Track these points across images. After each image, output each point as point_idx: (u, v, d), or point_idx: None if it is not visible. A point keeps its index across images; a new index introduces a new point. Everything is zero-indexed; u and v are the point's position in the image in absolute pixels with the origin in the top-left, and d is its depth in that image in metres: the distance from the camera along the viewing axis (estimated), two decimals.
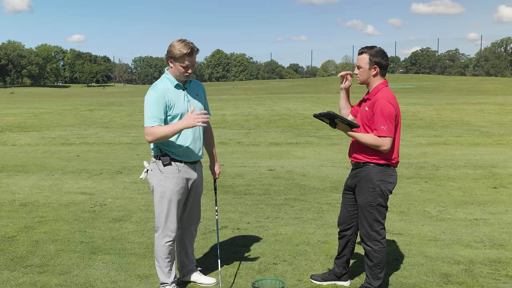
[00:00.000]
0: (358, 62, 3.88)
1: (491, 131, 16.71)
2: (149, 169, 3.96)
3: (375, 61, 3.81)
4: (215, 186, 4.42)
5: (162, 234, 3.91)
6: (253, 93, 45.72)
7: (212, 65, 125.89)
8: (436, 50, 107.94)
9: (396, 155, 3.86)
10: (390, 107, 3.72)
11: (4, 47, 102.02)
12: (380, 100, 3.74)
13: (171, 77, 3.86)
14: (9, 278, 4.34)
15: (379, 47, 3.86)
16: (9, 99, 44.10)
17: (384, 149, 3.73)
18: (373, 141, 3.73)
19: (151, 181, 3.94)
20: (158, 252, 3.94)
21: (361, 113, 3.92)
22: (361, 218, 3.92)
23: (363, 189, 3.87)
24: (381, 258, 3.88)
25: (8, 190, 7.89)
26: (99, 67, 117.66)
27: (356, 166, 3.93)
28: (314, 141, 14.58)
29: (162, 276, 3.98)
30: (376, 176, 3.81)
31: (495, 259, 4.80)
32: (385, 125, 3.69)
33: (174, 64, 3.79)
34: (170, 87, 3.82)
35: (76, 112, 25.47)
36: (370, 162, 3.83)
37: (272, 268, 4.56)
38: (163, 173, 3.86)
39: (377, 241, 3.88)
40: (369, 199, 3.84)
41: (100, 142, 14.79)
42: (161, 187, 3.86)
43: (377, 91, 3.83)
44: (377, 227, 3.87)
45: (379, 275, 3.90)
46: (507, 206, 6.90)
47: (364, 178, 3.85)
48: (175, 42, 3.78)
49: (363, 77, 3.87)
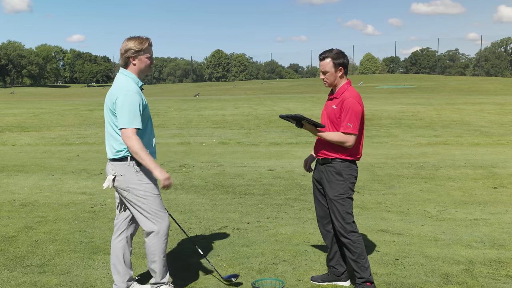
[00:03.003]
0: (323, 68, 4.04)
1: (491, 131, 16.71)
2: (117, 175, 3.75)
3: (338, 63, 4.01)
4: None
5: (159, 232, 3.77)
6: (253, 93, 45.72)
7: (212, 65, 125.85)
8: (436, 50, 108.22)
9: (360, 151, 4.09)
10: (358, 106, 3.93)
11: (4, 47, 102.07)
12: (348, 99, 3.92)
13: (135, 77, 3.78)
14: (9, 278, 4.34)
15: (337, 48, 4.05)
16: (9, 99, 44.11)
17: (349, 145, 3.93)
18: (339, 138, 3.92)
19: (125, 185, 3.73)
20: (156, 252, 3.79)
21: (328, 111, 4.08)
22: (334, 212, 4.02)
23: (333, 183, 4.01)
24: (362, 248, 3.99)
25: (8, 190, 7.89)
26: (99, 67, 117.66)
27: (324, 162, 4.08)
28: (314, 141, 14.57)
29: (164, 274, 3.87)
30: (344, 170, 4.00)
31: (495, 259, 4.80)
32: (352, 122, 3.89)
33: (139, 59, 3.75)
34: (138, 88, 3.76)
35: (76, 112, 25.48)
36: (338, 158, 4.00)
37: (272, 268, 4.56)
38: (139, 172, 3.73)
39: (353, 232, 3.99)
40: (340, 191, 3.99)
41: (100, 142, 14.79)
42: (142, 185, 3.72)
43: (344, 90, 4.01)
44: (349, 219, 4.00)
45: (365, 265, 3.98)
46: (507, 206, 6.90)
47: (333, 173, 4.01)
48: (130, 39, 3.75)
49: (331, 80, 4.05)
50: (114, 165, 3.77)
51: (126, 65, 3.80)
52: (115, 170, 3.75)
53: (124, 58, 3.78)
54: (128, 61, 3.78)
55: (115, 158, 3.76)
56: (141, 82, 3.82)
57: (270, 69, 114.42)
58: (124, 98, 3.64)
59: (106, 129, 3.85)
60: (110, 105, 3.72)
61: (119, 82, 3.76)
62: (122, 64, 3.82)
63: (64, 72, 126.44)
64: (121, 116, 3.62)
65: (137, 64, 3.78)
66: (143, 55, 3.76)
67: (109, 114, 3.76)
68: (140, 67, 3.80)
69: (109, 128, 3.80)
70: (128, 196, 3.76)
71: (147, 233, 3.81)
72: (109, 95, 3.76)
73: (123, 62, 3.81)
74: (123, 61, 3.80)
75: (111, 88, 3.81)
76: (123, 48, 3.77)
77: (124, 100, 3.63)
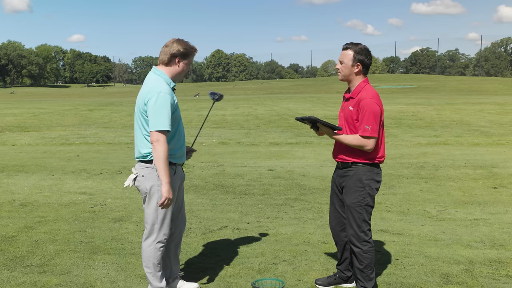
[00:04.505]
0: (342, 57, 3.81)
1: (491, 131, 16.71)
2: (138, 176, 3.77)
3: (358, 59, 3.76)
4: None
5: (156, 239, 3.77)
6: (253, 93, 45.72)
7: (212, 65, 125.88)
8: (436, 50, 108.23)
9: (383, 153, 3.85)
10: (375, 106, 3.70)
11: (4, 47, 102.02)
12: (365, 99, 3.71)
13: (167, 78, 3.73)
14: (9, 278, 4.34)
15: (364, 45, 3.81)
16: (9, 99, 44.10)
17: (368, 149, 3.71)
18: (357, 142, 3.71)
19: (144, 187, 3.74)
20: (150, 258, 3.78)
21: (345, 113, 3.88)
22: (349, 219, 3.86)
23: (351, 189, 3.82)
24: (371, 259, 3.84)
25: (8, 190, 7.89)
26: (99, 67, 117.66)
27: (343, 166, 3.89)
28: (314, 141, 14.58)
29: (155, 281, 3.83)
30: (365, 175, 3.79)
31: (495, 259, 4.80)
32: (370, 124, 3.66)
33: (182, 62, 3.72)
34: (170, 89, 3.71)
35: (76, 112, 25.47)
36: (358, 162, 3.80)
37: (272, 268, 4.56)
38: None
39: (366, 242, 3.83)
40: (358, 198, 3.80)
41: (100, 142, 14.79)
42: (159, 192, 3.68)
43: (360, 89, 3.79)
44: (365, 227, 3.83)
45: (370, 276, 3.86)
46: (507, 206, 6.90)
47: (352, 178, 3.81)
48: (183, 41, 3.72)
49: (345, 73, 3.82)
50: (139, 165, 3.78)
51: (169, 63, 3.73)
52: (138, 170, 3.77)
53: (171, 55, 3.70)
54: (174, 60, 3.72)
55: (141, 159, 3.76)
56: (173, 83, 3.76)
57: (270, 69, 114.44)
58: (156, 99, 3.56)
59: (135, 129, 3.82)
60: (141, 106, 3.66)
61: (151, 82, 3.69)
62: (165, 61, 3.73)
63: (64, 72, 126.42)
64: (153, 118, 3.56)
65: (180, 67, 3.74)
66: (186, 60, 3.74)
67: (139, 115, 3.71)
68: (179, 71, 3.76)
69: (137, 129, 3.76)
70: (145, 197, 3.77)
71: (145, 237, 3.81)
72: (141, 95, 3.69)
73: (167, 59, 3.72)
74: (168, 59, 3.71)
75: (142, 88, 3.74)
76: (172, 46, 3.70)
77: (156, 102, 3.56)
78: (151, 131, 3.57)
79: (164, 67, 3.76)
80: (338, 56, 3.88)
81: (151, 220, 3.76)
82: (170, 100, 3.61)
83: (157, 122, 3.55)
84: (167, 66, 3.75)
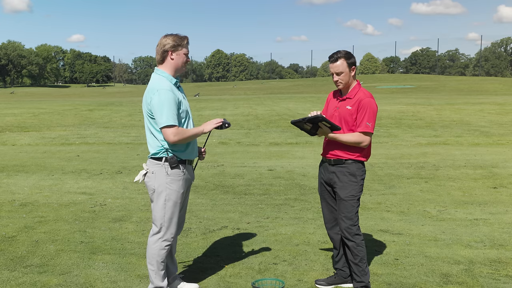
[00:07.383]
0: (336, 69, 3.96)
1: (491, 131, 16.71)
2: (148, 172, 3.83)
3: (351, 62, 3.98)
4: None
5: (162, 238, 3.81)
6: (253, 93, 45.71)
7: (212, 65, 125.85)
8: (436, 50, 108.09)
9: (370, 152, 4.12)
10: (375, 105, 3.95)
11: (4, 47, 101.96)
12: (366, 98, 3.92)
13: (168, 75, 3.79)
14: (9, 278, 4.34)
15: (344, 50, 4.03)
16: (9, 99, 44.09)
17: (365, 145, 3.94)
18: (356, 139, 3.91)
19: (152, 184, 3.80)
20: (155, 256, 3.82)
21: (341, 112, 4.01)
22: (343, 212, 3.98)
23: (346, 183, 3.98)
24: (364, 252, 3.98)
25: (8, 190, 7.89)
26: (99, 67, 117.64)
27: (336, 163, 4.03)
28: (314, 141, 14.58)
29: (158, 279, 3.86)
30: (357, 171, 3.99)
31: (495, 259, 4.80)
32: (370, 122, 3.90)
33: (177, 53, 3.76)
34: (172, 85, 3.77)
35: (76, 112, 25.47)
36: (350, 159, 3.99)
37: (272, 268, 4.56)
38: (169, 175, 3.75)
39: (357, 235, 3.97)
40: (353, 192, 3.97)
41: (100, 142, 14.79)
42: (168, 190, 3.75)
43: (357, 91, 4.00)
44: (356, 221, 3.99)
45: (365, 269, 3.97)
46: (507, 206, 6.90)
47: (346, 173, 3.99)
48: (169, 35, 3.77)
49: (346, 80, 3.99)
50: (150, 161, 3.85)
51: (163, 60, 3.79)
52: (148, 167, 3.84)
53: (162, 52, 3.76)
54: (166, 55, 3.77)
55: (152, 156, 3.84)
56: (175, 79, 3.80)
57: (270, 69, 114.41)
58: (157, 97, 3.64)
59: (145, 128, 3.93)
60: (146, 107, 3.75)
61: (152, 82, 3.77)
62: (160, 59, 3.80)
63: (64, 72, 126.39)
64: (158, 116, 3.65)
65: (175, 59, 3.77)
66: (181, 50, 3.77)
67: (145, 115, 3.81)
68: (177, 63, 3.79)
69: (146, 128, 3.88)
70: (153, 194, 3.83)
71: (153, 233, 3.86)
72: (144, 97, 3.78)
73: (160, 57, 3.79)
74: (161, 56, 3.78)
75: (146, 89, 3.81)
76: (162, 43, 3.76)
77: (157, 99, 3.64)
78: (161, 129, 3.69)
79: (162, 65, 3.83)
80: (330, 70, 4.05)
81: (159, 218, 3.82)
82: (171, 96, 3.65)
83: (160, 119, 3.64)
84: (164, 63, 3.82)
